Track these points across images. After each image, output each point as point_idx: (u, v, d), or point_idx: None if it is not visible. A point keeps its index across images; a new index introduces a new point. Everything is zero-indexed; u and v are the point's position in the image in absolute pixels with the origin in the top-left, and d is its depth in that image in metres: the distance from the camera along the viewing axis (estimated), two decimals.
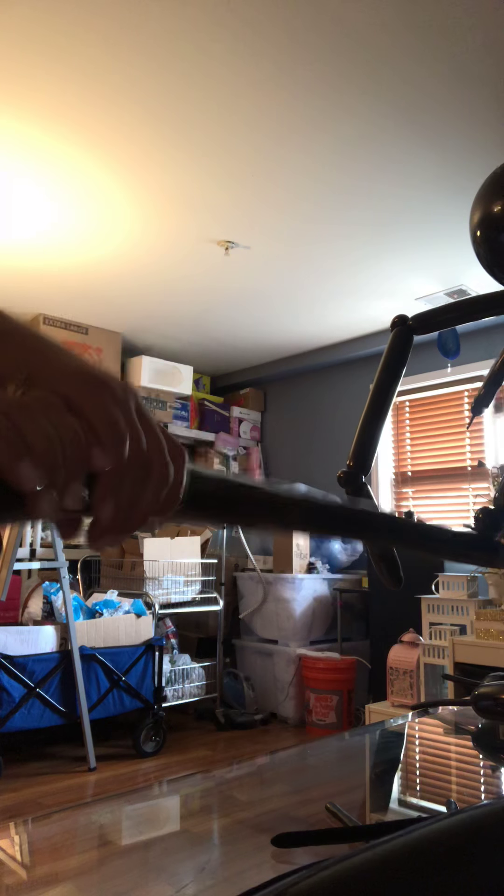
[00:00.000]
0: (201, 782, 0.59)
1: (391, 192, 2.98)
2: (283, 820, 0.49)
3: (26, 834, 0.45)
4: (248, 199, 3.05)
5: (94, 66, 2.24)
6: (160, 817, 0.51)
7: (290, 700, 4.19)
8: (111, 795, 0.52)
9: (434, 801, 0.54)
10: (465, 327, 4.17)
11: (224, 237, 3.41)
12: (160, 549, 3.99)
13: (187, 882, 0.38)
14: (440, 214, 3.15)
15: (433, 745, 0.72)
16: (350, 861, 0.25)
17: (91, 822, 0.49)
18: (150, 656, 3.61)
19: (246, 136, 2.62)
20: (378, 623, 3.98)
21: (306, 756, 0.68)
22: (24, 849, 0.43)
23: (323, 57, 2.20)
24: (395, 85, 2.33)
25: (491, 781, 0.60)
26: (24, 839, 0.44)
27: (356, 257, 3.61)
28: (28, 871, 0.40)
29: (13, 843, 0.43)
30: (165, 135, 2.61)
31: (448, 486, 4.60)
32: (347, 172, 2.84)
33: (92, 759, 3.29)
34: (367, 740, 0.75)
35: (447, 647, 2.80)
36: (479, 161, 2.75)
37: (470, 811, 0.29)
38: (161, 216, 3.19)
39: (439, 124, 2.53)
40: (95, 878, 0.40)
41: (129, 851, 0.44)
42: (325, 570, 4.56)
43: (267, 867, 0.40)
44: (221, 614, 4.27)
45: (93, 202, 3.06)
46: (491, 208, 0.71)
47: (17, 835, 0.44)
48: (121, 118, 2.51)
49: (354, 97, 2.39)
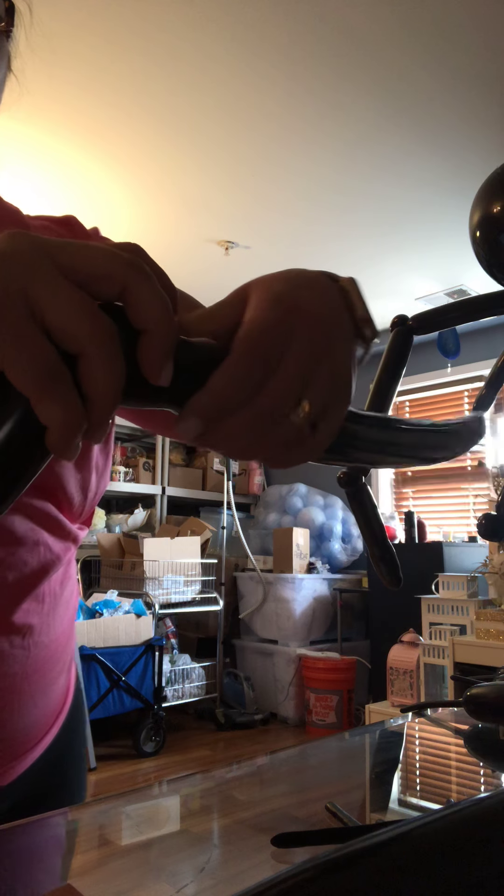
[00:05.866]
0: (201, 782, 0.60)
1: (391, 192, 2.98)
2: (283, 820, 0.49)
3: (25, 834, 0.45)
4: (248, 199, 3.05)
5: (93, 67, 2.24)
6: (160, 817, 0.51)
7: (290, 700, 4.19)
8: (111, 795, 0.52)
9: (434, 801, 0.54)
10: (465, 327, 4.17)
11: (224, 237, 3.41)
12: (160, 549, 3.99)
13: (187, 882, 0.38)
14: (440, 215, 3.14)
15: (433, 746, 0.72)
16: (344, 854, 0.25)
17: (91, 822, 0.49)
18: (150, 656, 3.61)
19: (246, 137, 2.62)
20: (378, 623, 3.98)
21: (306, 756, 0.69)
22: (23, 849, 0.43)
23: (322, 58, 2.20)
24: (395, 86, 2.33)
25: (489, 782, 0.60)
26: (24, 839, 0.44)
27: (356, 257, 3.61)
28: (27, 871, 0.40)
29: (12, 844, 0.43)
30: (165, 135, 2.61)
31: (448, 487, 4.60)
32: (347, 173, 2.84)
33: (92, 759, 3.29)
34: (367, 740, 0.75)
35: (447, 647, 2.80)
36: (479, 161, 2.75)
37: (463, 806, 0.29)
38: (161, 216, 3.19)
39: (439, 125, 2.53)
40: (95, 878, 0.40)
41: (129, 851, 0.44)
42: (325, 570, 4.56)
43: (267, 867, 0.40)
44: (221, 614, 4.27)
45: (92, 203, 3.06)
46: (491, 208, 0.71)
47: (16, 835, 0.44)
48: (120, 119, 2.51)
49: (354, 98, 2.39)
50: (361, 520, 0.54)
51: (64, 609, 0.65)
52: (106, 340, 0.25)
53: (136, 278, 0.27)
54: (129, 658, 3.52)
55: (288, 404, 0.31)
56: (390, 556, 0.53)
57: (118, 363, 0.25)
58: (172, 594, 3.95)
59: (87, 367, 0.25)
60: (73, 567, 0.69)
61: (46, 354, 0.24)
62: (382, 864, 0.26)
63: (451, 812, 0.28)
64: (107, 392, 0.25)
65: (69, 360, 0.25)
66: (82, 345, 0.25)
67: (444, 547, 3.78)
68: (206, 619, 4.58)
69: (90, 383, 0.25)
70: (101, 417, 0.26)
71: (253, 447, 0.32)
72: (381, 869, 0.25)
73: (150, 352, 0.27)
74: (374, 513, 0.54)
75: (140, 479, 4.82)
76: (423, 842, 0.27)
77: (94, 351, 0.25)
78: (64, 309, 0.25)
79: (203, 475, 5.28)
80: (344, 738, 0.79)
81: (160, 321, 0.27)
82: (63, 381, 0.24)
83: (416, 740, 0.73)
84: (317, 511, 4.72)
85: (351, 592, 4.49)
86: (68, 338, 0.25)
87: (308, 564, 4.49)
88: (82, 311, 0.25)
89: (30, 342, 0.24)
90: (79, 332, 0.25)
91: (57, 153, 2.70)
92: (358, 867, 0.25)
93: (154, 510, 4.81)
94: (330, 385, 0.32)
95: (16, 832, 0.44)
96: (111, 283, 0.27)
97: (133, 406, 0.29)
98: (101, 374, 0.25)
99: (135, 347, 0.27)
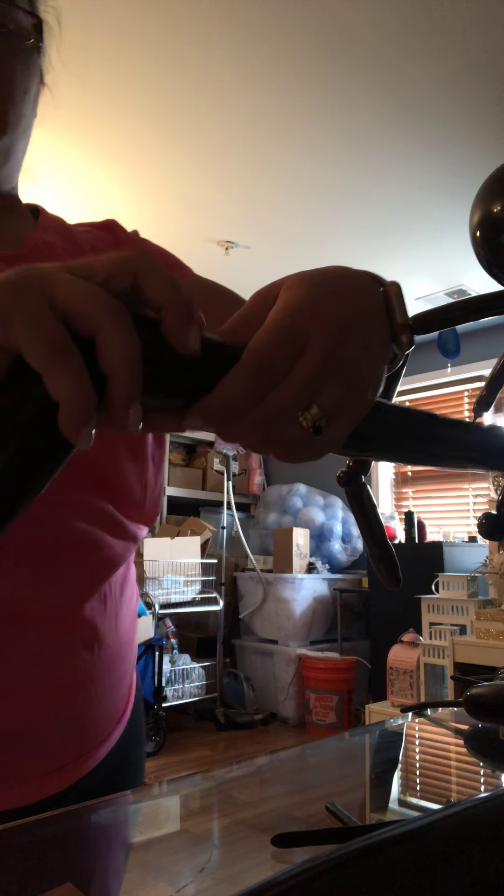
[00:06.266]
0: (201, 782, 0.60)
1: (391, 192, 2.98)
2: (283, 820, 0.49)
3: (25, 834, 0.45)
4: (248, 199, 3.05)
5: (92, 68, 2.24)
6: (160, 817, 0.51)
7: (290, 700, 4.19)
8: (111, 795, 0.52)
9: (434, 801, 0.54)
10: (465, 327, 4.17)
11: (224, 237, 3.41)
12: (160, 549, 3.98)
13: (187, 882, 0.38)
14: (440, 215, 3.14)
15: (433, 746, 0.72)
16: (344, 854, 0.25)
17: (91, 822, 0.49)
18: (151, 656, 3.61)
19: (246, 138, 2.62)
20: (378, 623, 3.98)
21: (306, 756, 0.69)
22: (23, 848, 0.43)
23: (322, 59, 2.20)
24: (394, 86, 2.33)
25: (489, 782, 0.60)
26: (24, 839, 0.44)
27: (356, 257, 3.61)
28: (27, 870, 0.40)
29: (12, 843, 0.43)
30: (165, 136, 2.61)
31: (448, 487, 4.60)
32: (347, 173, 2.84)
33: None
34: (367, 740, 0.75)
35: (447, 647, 2.80)
36: (479, 161, 2.75)
37: (463, 806, 0.29)
38: (161, 216, 3.19)
39: (439, 125, 2.53)
40: (95, 878, 0.40)
41: (129, 851, 0.44)
42: (325, 570, 4.56)
43: (267, 867, 0.40)
44: (221, 614, 4.27)
45: (92, 203, 3.06)
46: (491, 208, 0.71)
47: (16, 834, 0.44)
48: (120, 120, 2.51)
49: (354, 99, 2.39)
50: (361, 519, 0.54)
51: (126, 610, 0.66)
52: (118, 318, 0.27)
53: (143, 267, 0.29)
54: None
55: (294, 410, 0.31)
56: (390, 556, 0.53)
57: (133, 339, 0.27)
58: (172, 594, 3.95)
59: (102, 344, 0.26)
60: (132, 569, 0.69)
61: (59, 333, 0.26)
62: (382, 864, 0.26)
63: (450, 812, 0.28)
64: (124, 367, 0.26)
65: (86, 346, 0.26)
66: (96, 323, 0.26)
67: (444, 547, 3.78)
68: (206, 619, 4.58)
69: (107, 359, 0.26)
70: (121, 394, 0.27)
71: (260, 445, 0.33)
72: (381, 869, 0.25)
73: (172, 320, 0.28)
74: (374, 512, 0.54)
75: None
76: (422, 842, 0.27)
77: (107, 328, 0.26)
78: (78, 296, 0.27)
79: (203, 475, 5.28)
80: (344, 738, 0.79)
81: (172, 294, 0.29)
82: (73, 356, 0.26)
83: (416, 740, 0.73)
84: (317, 511, 4.72)
85: (351, 592, 4.49)
86: (82, 318, 0.26)
87: (308, 564, 4.49)
88: (95, 296, 0.27)
89: (45, 323, 0.26)
90: (92, 312, 0.26)
91: (57, 154, 2.70)
92: (358, 867, 0.25)
93: None
94: (344, 392, 0.32)
95: (16, 832, 0.44)
96: (123, 276, 0.29)
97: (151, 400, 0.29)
98: (117, 349, 0.26)
99: (156, 332, 0.28)
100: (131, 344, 0.27)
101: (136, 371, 0.27)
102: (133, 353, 0.27)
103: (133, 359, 0.27)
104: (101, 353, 0.27)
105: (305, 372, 0.31)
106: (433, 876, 0.25)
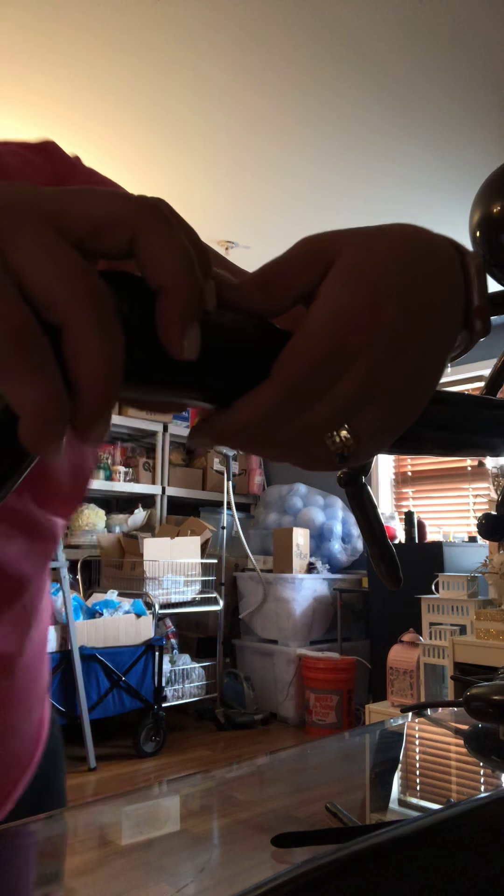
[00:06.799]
0: (201, 782, 0.60)
1: (391, 193, 2.98)
2: (283, 820, 0.49)
3: (25, 834, 0.45)
4: (247, 199, 3.05)
5: (92, 69, 2.24)
6: (160, 817, 0.51)
7: (290, 700, 4.19)
8: (111, 795, 0.52)
9: (434, 801, 0.54)
10: None
11: (224, 237, 3.41)
12: (160, 549, 3.98)
13: (187, 882, 0.38)
14: (440, 215, 3.14)
15: (433, 746, 0.72)
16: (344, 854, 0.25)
17: (91, 822, 0.49)
18: (150, 656, 3.61)
19: (245, 138, 2.62)
20: (378, 623, 3.97)
21: (306, 756, 0.69)
22: (23, 849, 0.43)
23: (322, 61, 2.20)
24: (393, 87, 2.33)
25: (489, 782, 0.60)
26: (24, 839, 0.44)
27: None
28: (27, 871, 0.40)
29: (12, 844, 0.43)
30: (164, 136, 2.61)
31: (448, 487, 4.60)
32: (347, 173, 2.84)
33: (92, 759, 3.29)
34: (367, 740, 0.75)
35: (447, 647, 2.80)
36: (479, 161, 2.75)
37: (463, 806, 0.29)
38: None
39: (438, 126, 2.53)
40: (95, 878, 0.40)
41: (129, 851, 0.44)
42: (325, 570, 4.56)
43: (267, 867, 0.40)
44: (221, 614, 4.27)
45: None
46: (491, 208, 0.71)
47: (16, 835, 0.44)
48: (119, 120, 2.51)
49: (353, 100, 2.39)
50: (361, 519, 0.54)
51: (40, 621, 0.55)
52: (92, 305, 0.19)
53: (148, 223, 0.22)
54: (129, 658, 3.52)
55: (322, 433, 0.26)
56: (390, 556, 0.53)
57: (111, 335, 0.20)
58: (172, 594, 3.95)
59: (69, 343, 0.19)
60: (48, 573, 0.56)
61: (19, 319, 0.19)
62: (382, 864, 0.26)
63: (451, 812, 0.28)
64: (95, 373, 0.20)
65: (56, 335, 0.20)
66: (64, 312, 0.19)
67: (444, 547, 3.78)
68: (206, 619, 4.58)
69: (74, 361, 0.20)
70: (91, 407, 0.20)
71: (275, 458, 0.28)
72: (382, 869, 0.25)
73: (167, 312, 0.21)
74: (375, 512, 0.54)
75: (140, 479, 4.82)
76: (422, 842, 0.27)
77: (76, 319, 0.19)
78: (46, 268, 0.19)
79: (203, 475, 5.28)
80: (344, 738, 0.79)
81: (180, 273, 0.21)
82: (38, 353, 0.19)
83: (416, 740, 0.73)
84: (317, 511, 4.72)
85: (351, 592, 4.49)
86: (49, 303, 0.19)
87: (308, 564, 4.49)
88: (67, 269, 0.19)
89: (2, 305, 0.19)
90: (60, 296, 0.19)
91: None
92: (358, 867, 0.25)
93: (154, 510, 4.81)
94: (384, 414, 0.27)
95: (15, 832, 0.44)
96: (116, 230, 0.21)
97: (143, 395, 0.24)
98: (87, 348, 0.19)
99: (150, 317, 0.22)
100: (107, 346, 0.20)
101: (113, 384, 0.20)
102: (107, 358, 0.20)
103: (109, 371, 0.20)
104: (66, 354, 0.20)
105: (344, 395, 0.26)
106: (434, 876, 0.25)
